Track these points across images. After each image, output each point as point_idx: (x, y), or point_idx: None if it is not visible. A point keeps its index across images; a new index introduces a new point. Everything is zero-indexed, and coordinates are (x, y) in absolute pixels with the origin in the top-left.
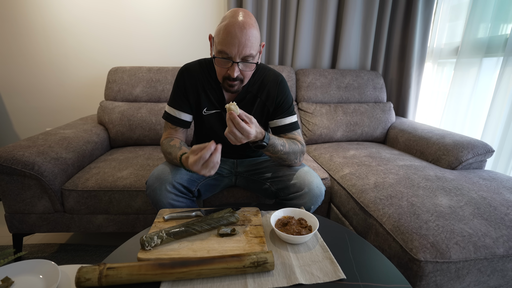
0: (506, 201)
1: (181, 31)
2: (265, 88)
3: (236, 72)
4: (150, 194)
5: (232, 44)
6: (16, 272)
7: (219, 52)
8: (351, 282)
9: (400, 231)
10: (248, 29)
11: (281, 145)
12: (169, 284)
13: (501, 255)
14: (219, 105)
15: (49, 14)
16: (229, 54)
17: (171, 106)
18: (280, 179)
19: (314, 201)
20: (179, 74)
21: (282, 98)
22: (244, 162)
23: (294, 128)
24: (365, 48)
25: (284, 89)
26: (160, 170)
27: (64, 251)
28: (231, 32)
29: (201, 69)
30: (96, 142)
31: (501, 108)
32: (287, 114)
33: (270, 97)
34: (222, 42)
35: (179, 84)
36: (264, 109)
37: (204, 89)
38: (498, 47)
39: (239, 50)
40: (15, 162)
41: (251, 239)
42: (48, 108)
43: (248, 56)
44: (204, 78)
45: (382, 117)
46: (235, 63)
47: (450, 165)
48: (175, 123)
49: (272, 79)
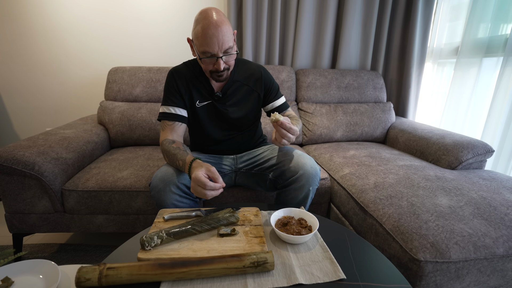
0: (506, 201)
1: (181, 31)
2: (250, 76)
3: (222, 65)
4: (154, 195)
5: (212, 43)
6: (16, 272)
7: (202, 52)
8: (351, 282)
9: (400, 231)
10: (222, 26)
11: (298, 127)
12: (169, 284)
13: (501, 255)
14: (209, 96)
15: (49, 14)
16: (212, 52)
17: (166, 105)
18: (276, 167)
19: (311, 181)
20: (169, 75)
21: (270, 84)
22: (243, 157)
23: (286, 107)
24: (365, 48)
25: (269, 76)
26: (164, 171)
27: (64, 251)
28: (209, 33)
29: (187, 68)
30: (96, 142)
31: (501, 108)
32: (277, 97)
33: (257, 84)
34: (203, 43)
35: (171, 84)
36: (252, 94)
37: (194, 85)
38: (498, 47)
39: (219, 46)
40: (16, 162)
41: (251, 239)
42: (48, 108)
43: (228, 49)
44: (192, 75)
45: (382, 117)
46: (220, 58)
47: (450, 165)
48: (172, 118)
49: (256, 69)
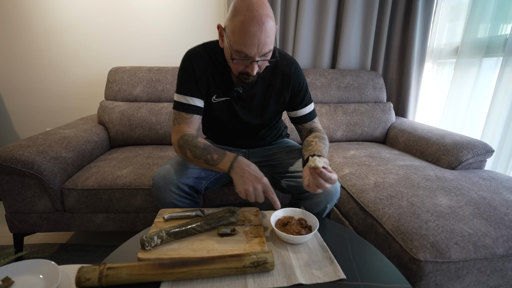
0: (506, 201)
1: (181, 31)
2: (278, 74)
3: (255, 69)
4: (155, 192)
5: (251, 44)
6: (16, 272)
7: (236, 52)
8: (351, 282)
9: (400, 231)
10: (266, 23)
11: (326, 153)
12: (169, 284)
13: (501, 255)
14: (227, 90)
15: (50, 14)
16: (249, 54)
17: (182, 94)
18: (292, 175)
19: (329, 199)
20: (186, 59)
21: (299, 86)
22: (256, 153)
23: (314, 116)
24: (365, 48)
25: (300, 76)
26: (166, 169)
27: (64, 251)
28: (250, 31)
29: (207, 53)
30: (96, 142)
31: (501, 108)
32: (305, 104)
33: (285, 85)
34: (239, 42)
35: (188, 70)
36: (280, 99)
37: (213, 74)
38: (498, 47)
39: (259, 49)
40: (15, 161)
41: (251, 239)
42: (48, 108)
43: (268, 52)
44: (211, 63)
45: (382, 117)
46: (255, 62)
47: (450, 165)
48: (190, 111)
49: (286, 64)
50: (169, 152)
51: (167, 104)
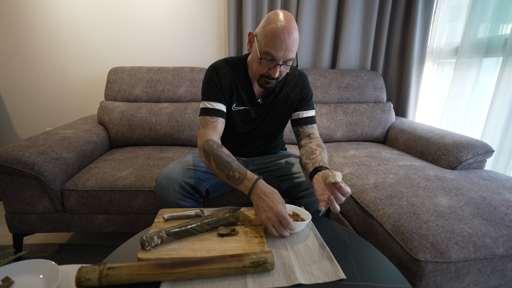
0: (506, 201)
1: (181, 31)
2: (290, 82)
3: (277, 73)
4: (158, 192)
5: (279, 48)
6: (16, 272)
7: (265, 53)
8: (351, 282)
9: (400, 231)
10: (293, 33)
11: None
12: (169, 284)
13: (501, 255)
14: (248, 101)
15: (49, 14)
16: (275, 56)
17: (207, 100)
18: (290, 177)
19: None
20: (211, 71)
21: (306, 92)
22: (255, 161)
23: (313, 121)
24: (365, 48)
25: (307, 84)
26: (170, 169)
27: (64, 251)
28: (280, 37)
29: (230, 67)
30: (96, 142)
31: (501, 108)
32: (308, 108)
33: (295, 91)
34: (269, 44)
35: (214, 80)
36: (288, 101)
37: (237, 86)
38: (498, 47)
39: (284, 54)
40: (15, 162)
41: (251, 239)
42: (48, 108)
43: (290, 59)
44: (235, 75)
45: (382, 117)
46: (278, 65)
47: (450, 165)
48: (215, 114)
49: (297, 74)
50: (169, 153)
51: (167, 104)
